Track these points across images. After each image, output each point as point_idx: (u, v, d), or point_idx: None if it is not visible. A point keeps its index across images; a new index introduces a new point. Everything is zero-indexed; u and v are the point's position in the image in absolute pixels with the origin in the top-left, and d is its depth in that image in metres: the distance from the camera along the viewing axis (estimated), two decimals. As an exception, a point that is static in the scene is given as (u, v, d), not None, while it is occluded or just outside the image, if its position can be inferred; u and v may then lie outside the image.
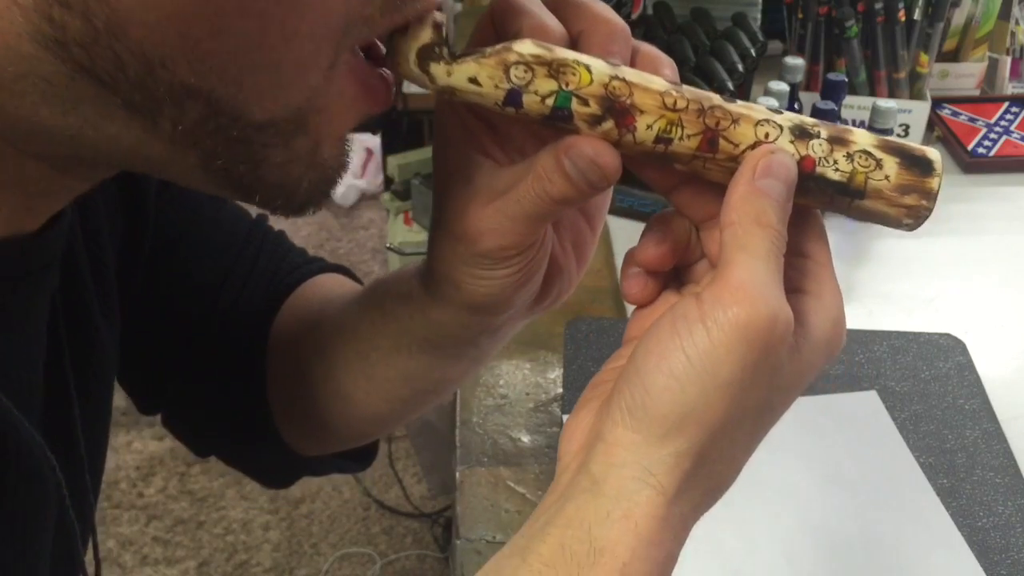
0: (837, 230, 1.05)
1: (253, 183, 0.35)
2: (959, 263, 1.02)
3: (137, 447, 1.99)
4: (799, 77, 1.12)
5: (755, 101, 1.19)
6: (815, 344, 0.37)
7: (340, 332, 0.53)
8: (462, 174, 0.41)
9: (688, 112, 0.36)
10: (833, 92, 1.09)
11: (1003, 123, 1.25)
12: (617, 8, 1.07)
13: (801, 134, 0.37)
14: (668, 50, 1.10)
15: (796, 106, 1.12)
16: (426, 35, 0.36)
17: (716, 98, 0.37)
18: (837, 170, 0.37)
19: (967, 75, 1.29)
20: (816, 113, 1.03)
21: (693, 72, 1.04)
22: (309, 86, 0.33)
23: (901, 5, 1.15)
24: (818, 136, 0.37)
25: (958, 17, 1.25)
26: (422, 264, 0.46)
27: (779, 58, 1.14)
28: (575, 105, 0.36)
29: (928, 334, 0.91)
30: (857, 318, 0.91)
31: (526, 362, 0.89)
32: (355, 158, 2.63)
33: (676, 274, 0.41)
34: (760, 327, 0.34)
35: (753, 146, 0.37)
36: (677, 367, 0.34)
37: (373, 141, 2.49)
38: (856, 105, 1.18)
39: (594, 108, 0.36)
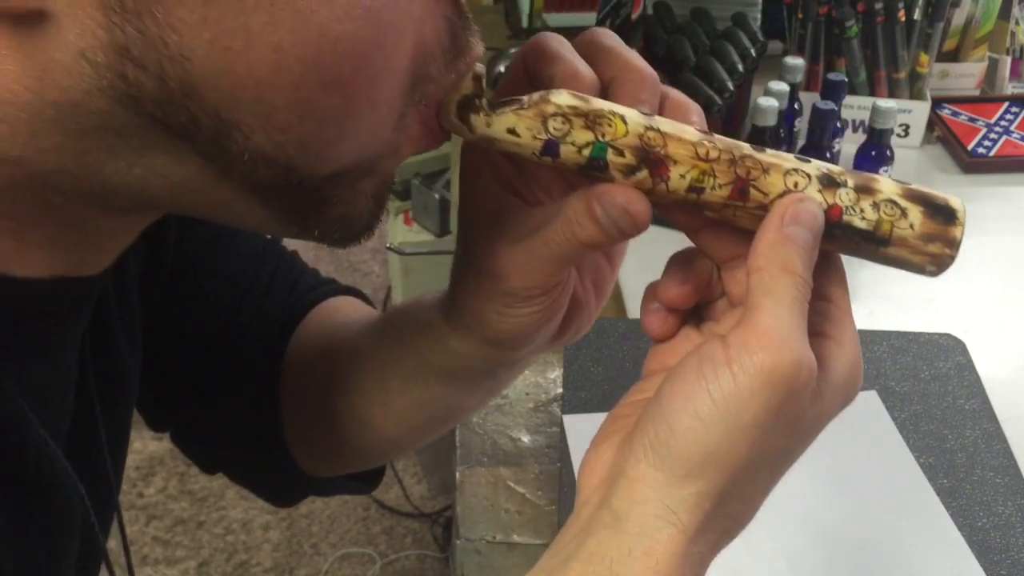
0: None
1: (313, 222, 0.35)
2: (959, 263, 1.01)
3: (137, 447, 1.99)
4: (799, 77, 1.12)
5: (755, 101, 1.19)
6: (835, 389, 0.37)
7: (357, 358, 0.54)
8: (490, 212, 0.42)
9: (720, 162, 0.37)
10: (833, 92, 1.09)
11: (1003, 123, 1.25)
12: (617, 8, 1.07)
13: (829, 183, 0.38)
14: (668, 50, 1.10)
15: (796, 105, 1.12)
16: (467, 87, 0.37)
17: (746, 147, 0.38)
18: (863, 218, 0.38)
19: (967, 75, 1.29)
20: (816, 113, 1.03)
21: (693, 72, 1.04)
22: (382, 143, 0.34)
23: (901, 5, 1.15)
24: (845, 185, 0.38)
25: (958, 17, 1.25)
26: (443, 295, 0.47)
27: (779, 58, 1.14)
28: (610, 155, 0.37)
29: (928, 334, 0.91)
30: (857, 318, 0.91)
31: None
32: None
33: (695, 309, 0.42)
34: (785, 373, 0.34)
35: (782, 195, 0.37)
36: (702, 408, 0.35)
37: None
38: (856, 105, 1.18)
39: (629, 158, 0.37)
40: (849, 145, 1.11)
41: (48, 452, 0.37)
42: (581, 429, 0.79)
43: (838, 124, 1.07)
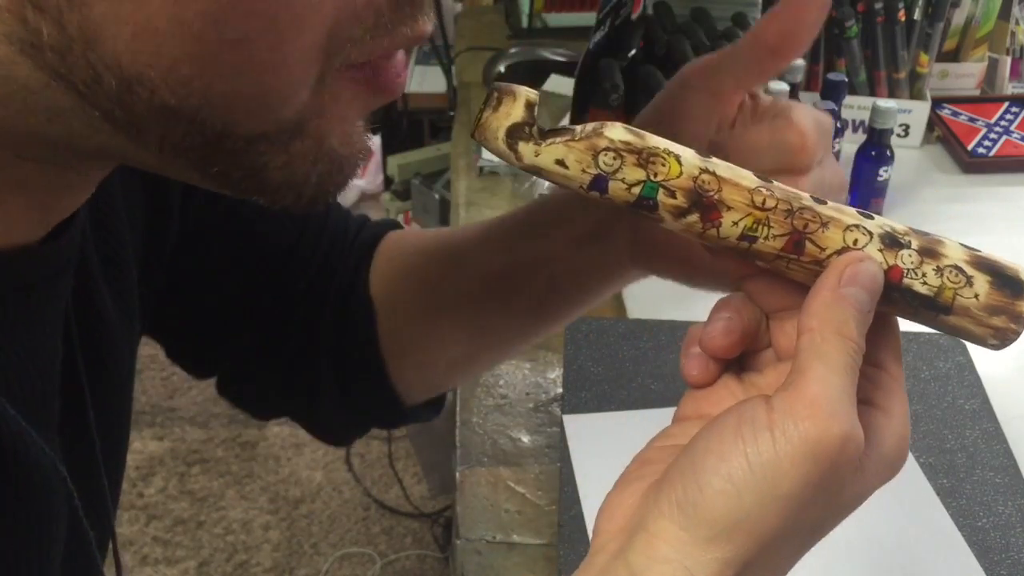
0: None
1: (254, 186, 0.35)
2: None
3: (137, 447, 1.99)
4: (799, 77, 1.12)
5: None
6: (879, 463, 0.36)
7: (465, 267, 0.57)
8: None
9: (776, 212, 0.36)
10: (833, 92, 1.09)
11: (1003, 123, 1.25)
12: (617, 8, 1.07)
13: (891, 243, 0.36)
14: (668, 50, 1.10)
15: (796, 106, 1.12)
16: (517, 113, 0.36)
17: (806, 198, 0.36)
18: (925, 283, 0.36)
19: (967, 75, 1.29)
20: (816, 113, 1.03)
21: (693, 72, 1.04)
22: (297, 104, 0.33)
23: (901, 5, 1.15)
24: (908, 246, 0.36)
25: (958, 17, 1.25)
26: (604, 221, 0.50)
27: (779, 58, 1.14)
28: (661, 196, 0.36)
29: (928, 334, 0.91)
30: (857, 318, 0.91)
31: (526, 362, 0.89)
32: (355, 158, 2.63)
33: (738, 358, 0.40)
34: (830, 446, 0.33)
35: (840, 251, 0.36)
36: (737, 472, 0.33)
37: (373, 141, 2.49)
38: (856, 105, 1.18)
39: (680, 201, 0.36)
40: (849, 145, 1.11)
41: (22, 435, 0.37)
42: (581, 429, 0.79)
43: (838, 124, 1.07)
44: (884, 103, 1.03)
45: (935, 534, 0.72)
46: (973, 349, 0.89)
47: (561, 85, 1.34)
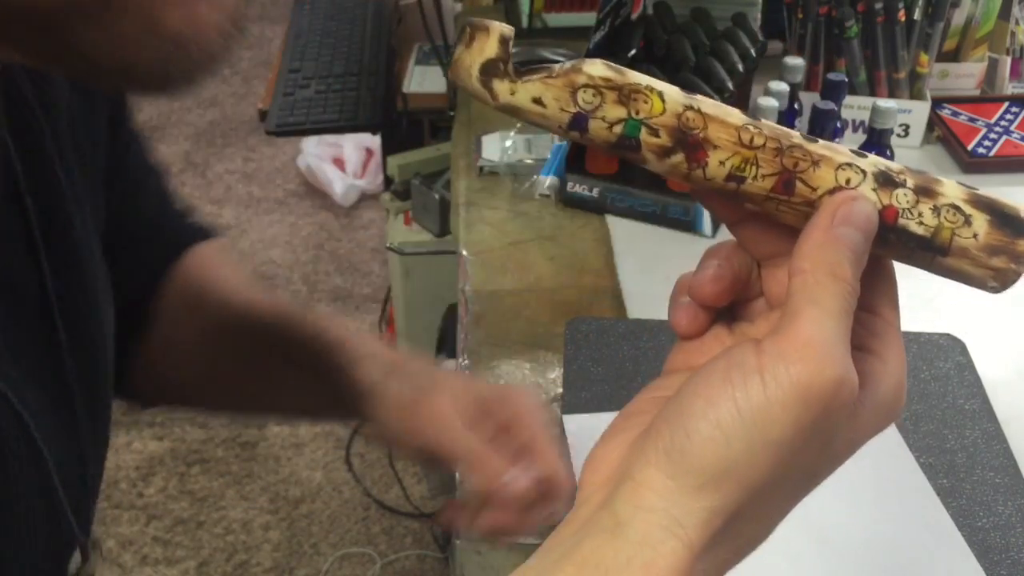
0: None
1: (88, 70, 0.34)
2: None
3: (137, 447, 1.99)
4: (799, 77, 1.12)
5: (755, 101, 1.18)
6: (874, 410, 0.35)
7: (241, 347, 0.61)
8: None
9: (765, 150, 0.34)
10: (833, 92, 1.09)
11: (1003, 123, 1.24)
12: (617, 8, 1.07)
13: (885, 182, 0.35)
14: (668, 50, 1.10)
15: (796, 106, 1.12)
16: (491, 49, 0.35)
17: (796, 136, 0.35)
18: (921, 223, 0.34)
19: (967, 75, 1.29)
20: (816, 113, 1.03)
21: (693, 72, 1.04)
22: None
23: (901, 5, 1.15)
24: (904, 185, 0.35)
25: (958, 17, 1.25)
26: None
27: (779, 58, 1.14)
28: (644, 135, 0.34)
29: (928, 334, 0.91)
30: (857, 318, 0.91)
31: (526, 362, 0.89)
32: (355, 158, 2.63)
33: (729, 308, 0.39)
34: (824, 390, 0.32)
35: (832, 191, 0.34)
36: (725, 418, 0.32)
37: (373, 141, 2.49)
38: (856, 105, 1.18)
39: (664, 139, 0.34)
40: (849, 145, 1.10)
41: None
42: (581, 429, 0.79)
43: (838, 124, 1.07)
44: (884, 103, 1.03)
45: (935, 534, 0.72)
46: (973, 349, 0.89)
47: (561, 85, 1.34)
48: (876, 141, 1.04)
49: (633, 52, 1.12)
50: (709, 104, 0.35)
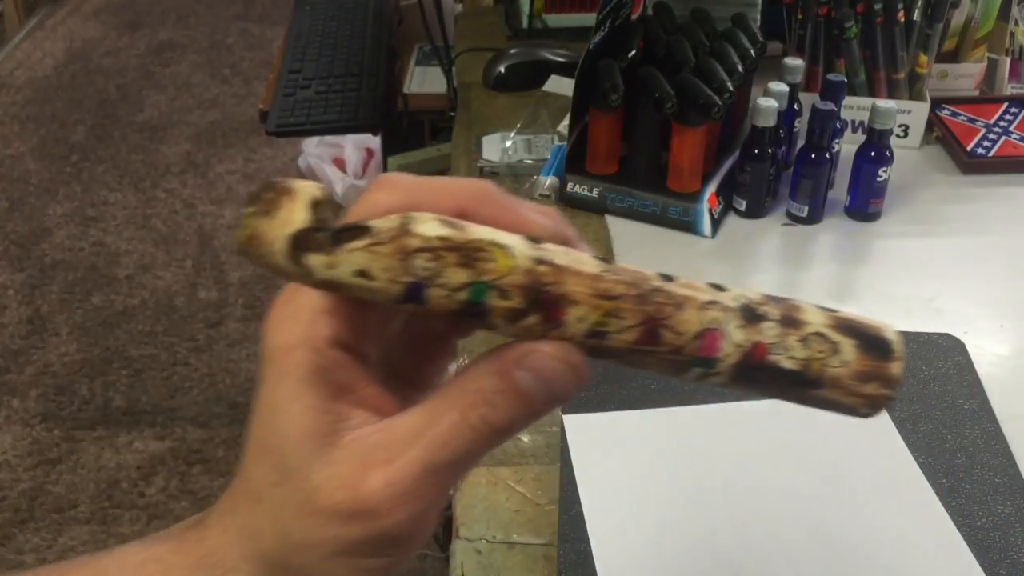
0: (835, 229, 1.06)
1: None
2: (958, 263, 1.03)
3: (138, 447, 1.99)
4: (799, 78, 1.12)
5: (755, 101, 1.18)
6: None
7: None
8: (328, 439, 0.31)
9: (625, 299, 0.30)
10: (832, 93, 1.09)
11: (1002, 124, 1.25)
12: (617, 9, 1.07)
13: (750, 316, 0.31)
14: (668, 51, 1.10)
15: (796, 106, 1.13)
16: (299, 216, 0.29)
17: (654, 278, 0.31)
18: (791, 357, 0.32)
19: (966, 76, 1.29)
20: (815, 113, 1.03)
21: (693, 73, 1.04)
22: None
23: (900, 6, 1.15)
24: (768, 317, 0.32)
25: (957, 18, 1.25)
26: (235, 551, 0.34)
27: (779, 59, 1.15)
28: (492, 299, 0.29)
29: (927, 334, 0.91)
30: (857, 318, 0.91)
31: (526, 362, 0.89)
32: (355, 158, 2.63)
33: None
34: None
35: (700, 335, 0.31)
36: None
37: (373, 141, 2.50)
38: (855, 106, 1.19)
39: (515, 301, 0.30)
40: (849, 145, 1.11)
41: None
42: (581, 429, 0.79)
43: (838, 125, 1.07)
44: (883, 104, 1.04)
45: (934, 534, 0.72)
46: (973, 349, 0.89)
47: (561, 85, 1.34)
48: (875, 141, 1.05)
49: (633, 53, 1.12)
50: (560, 253, 0.30)
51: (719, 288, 0.32)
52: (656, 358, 0.31)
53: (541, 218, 0.32)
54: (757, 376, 0.32)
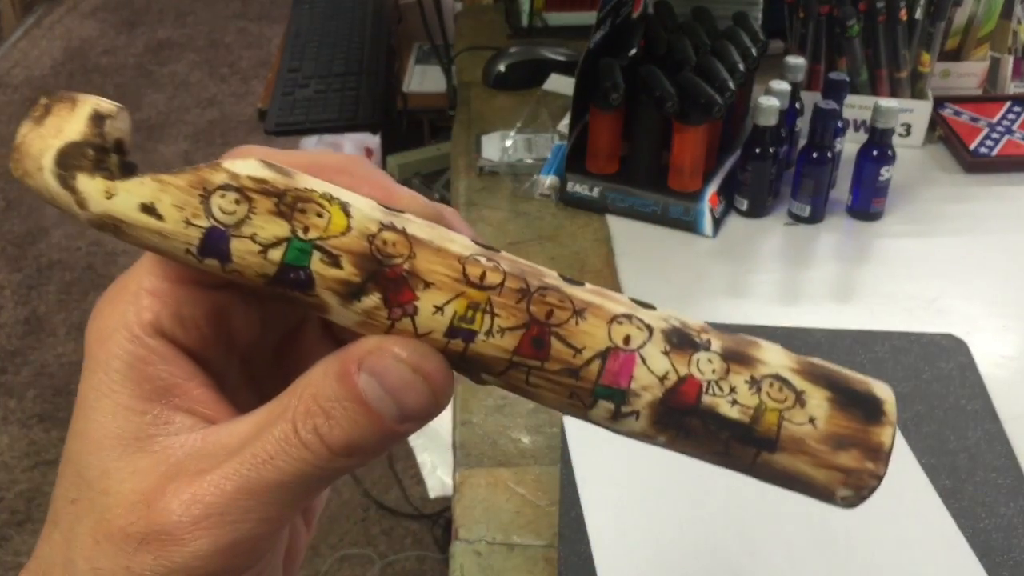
0: (837, 229, 1.06)
1: None
2: (961, 263, 1.02)
3: (136, 447, 1.99)
4: (800, 76, 1.12)
5: (756, 100, 1.17)
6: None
7: None
8: (137, 444, 0.25)
9: (503, 292, 0.24)
10: (834, 91, 1.08)
11: (1005, 123, 1.24)
12: (617, 8, 1.07)
13: (680, 342, 0.24)
14: (669, 49, 1.10)
15: (797, 105, 1.12)
16: (76, 129, 0.23)
17: (552, 276, 0.25)
18: (735, 403, 0.24)
19: (969, 74, 1.29)
20: (817, 112, 1.03)
21: (694, 71, 1.04)
22: None
23: (903, 4, 1.15)
24: (706, 348, 0.24)
25: (960, 16, 1.25)
26: None
27: (780, 57, 1.14)
28: (317, 264, 0.23)
29: (930, 334, 0.90)
30: (859, 319, 0.91)
31: (526, 362, 0.89)
32: (355, 158, 2.63)
33: None
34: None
35: (604, 354, 0.24)
36: None
37: (372, 140, 2.49)
38: (857, 104, 1.18)
39: (349, 271, 0.23)
40: (851, 144, 1.10)
41: None
42: (581, 429, 0.79)
43: (839, 123, 1.06)
44: (886, 102, 1.03)
45: (937, 535, 0.72)
46: (975, 348, 0.89)
47: (561, 84, 1.34)
48: (878, 140, 1.04)
49: (633, 52, 1.11)
50: (422, 226, 0.24)
51: (644, 305, 0.25)
52: (546, 380, 0.24)
53: (412, 195, 0.25)
54: (689, 425, 0.24)
